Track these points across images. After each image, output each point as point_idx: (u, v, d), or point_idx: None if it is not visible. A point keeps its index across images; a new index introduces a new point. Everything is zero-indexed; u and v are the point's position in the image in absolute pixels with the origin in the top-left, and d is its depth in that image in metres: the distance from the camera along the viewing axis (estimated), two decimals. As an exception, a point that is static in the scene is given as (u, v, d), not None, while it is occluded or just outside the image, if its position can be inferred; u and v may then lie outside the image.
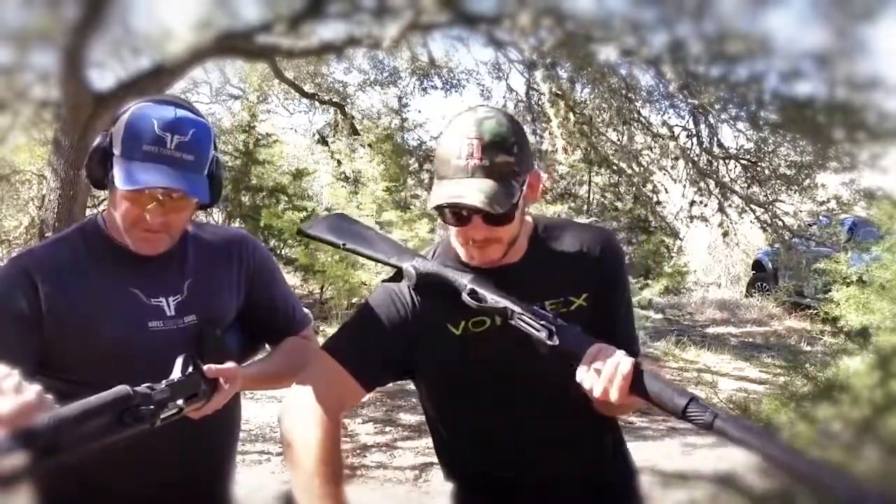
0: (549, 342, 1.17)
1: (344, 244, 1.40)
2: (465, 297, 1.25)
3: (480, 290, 1.25)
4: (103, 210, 1.39)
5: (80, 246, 1.34)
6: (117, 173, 1.25)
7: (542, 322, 1.19)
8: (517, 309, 1.21)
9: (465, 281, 1.26)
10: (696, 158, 7.48)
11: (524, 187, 1.24)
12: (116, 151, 1.26)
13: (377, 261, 1.37)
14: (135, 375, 1.26)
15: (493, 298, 1.24)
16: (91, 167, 1.30)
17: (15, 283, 1.27)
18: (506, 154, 1.20)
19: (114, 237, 1.35)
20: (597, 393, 1.14)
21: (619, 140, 7.88)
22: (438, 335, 1.31)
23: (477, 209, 1.18)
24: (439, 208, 1.22)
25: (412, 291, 1.31)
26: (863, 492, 0.92)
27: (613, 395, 1.13)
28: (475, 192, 1.17)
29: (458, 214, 1.23)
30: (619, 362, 1.13)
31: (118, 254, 1.34)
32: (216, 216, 10.83)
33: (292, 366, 1.49)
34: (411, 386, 1.47)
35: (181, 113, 1.29)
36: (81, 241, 1.35)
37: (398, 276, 1.33)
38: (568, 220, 1.56)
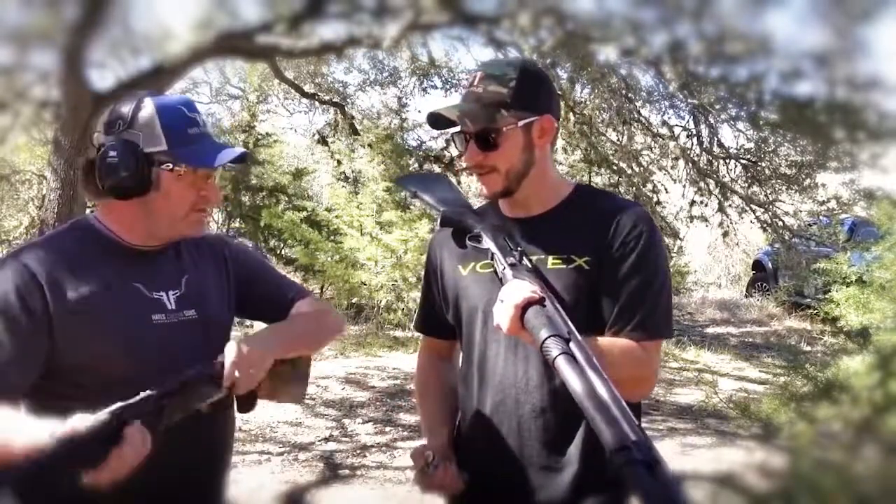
0: (500, 277, 1.28)
1: (415, 192, 1.60)
2: (467, 239, 1.41)
3: (483, 235, 1.37)
4: (94, 210, 1.41)
5: (75, 244, 1.34)
6: (186, 160, 1.30)
7: (508, 261, 1.28)
8: (496, 251, 1.32)
9: (476, 226, 1.39)
10: (696, 158, 7.47)
11: (529, 127, 1.36)
12: (159, 147, 1.30)
13: (431, 206, 1.55)
14: (143, 369, 1.28)
15: (487, 242, 1.35)
16: (133, 173, 1.28)
17: (21, 282, 1.25)
18: (499, 85, 1.34)
19: (113, 234, 1.36)
20: (496, 321, 1.21)
21: (619, 140, 7.88)
22: (452, 275, 1.47)
23: (465, 124, 1.34)
24: (435, 125, 1.41)
25: (444, 236, 1.51)
26: (627, 441, 0.91)
27: (503, 324, 1.18)
28: (453, 107, 1.35)
29: (461, 141, 1.39)
30: (516, 292, 1.17)
31: (116, 250, 1.36)
32: (216, 215, 10.84)
33: (317, 329, 1.54)
34: (411, 386, 1.53)
35: (181, 96, 1.40)
36: (75, 239, 1.35)
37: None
38: (610, 192, 1.61)
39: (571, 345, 1.06)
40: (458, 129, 1.40)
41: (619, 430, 0.93)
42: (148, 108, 1.30)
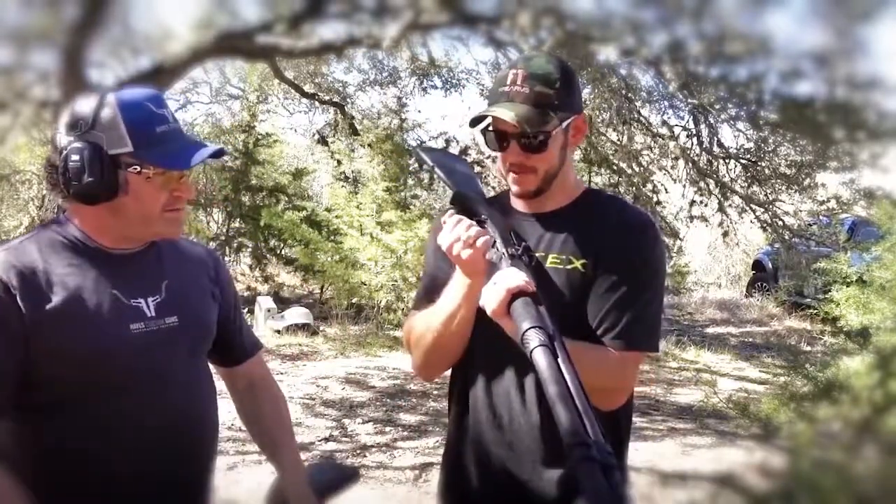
0: (496, 263, 1.25)
1: (433, 166, 1.53)
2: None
3: (489, 222, 1.33)
4: (65, 212, 1.33)
5: (48, 249, 1.27)
6: (154, 161, 1.23)
7: (508, 251, 1.25)
8: (499, 240, 1.29)
9: (483, 212, 1.35)
10: (696, 158, 7.47)
11: (567, 127, 1.34)
12: (124, 149, 1.22)
13: (445, 183, 1.49)
14: (118, 378, 1.26)
15: (492, 230, 1.31)
16: (99, 178, 1.21)
17: None
18: (545, 86, 1.31)
19: (87, 237, 1.29)
20: (482, 301, 1.20)
21: (619, 140, 7.87)
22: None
23: (504, 123, 1.30)
24: (476, 125, 1.36)
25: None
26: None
27: (489, 305, 1.17)
28: (507, 111, 1.29)
29: (499, 139, 1.35)
30: (510, 277, 1.16)
31: (91, 254, 1.29)
32: (216, 216, 10.83)
33: (290, 426, 1.58)
34: (411, 386, 1.51)
35: (149, 90, 1.30)
36: (47, 243, 1.28)
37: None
38: (621, 198, 1.60)
39: (555, 342, 1.05)
40: (485, 124, 1.37)
41: (580, 425, 0.91)
42: (110, 106, 1.22)
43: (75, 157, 1.21)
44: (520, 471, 1.36)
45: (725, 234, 8.02)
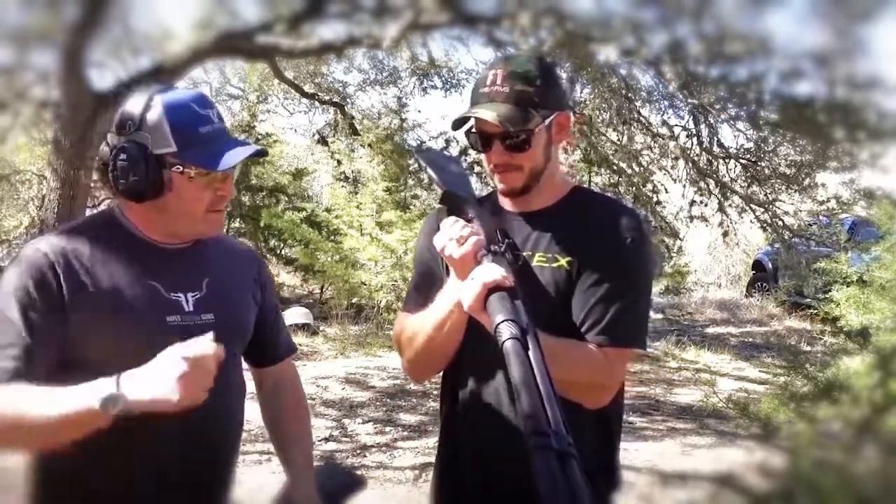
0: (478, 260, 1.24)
1: (425, 166, 1.55)
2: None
3: (476, 220, 1.31)
4: (117, 204, 1.38)
5: (96, 237, 1.32)
6: (196, 162, 1.27)
7: (491, 248, 1.24)
8: (482, 237, 1.27)
9: (471, 211, 1.34)
10: (696, 158, 7.47)
11: (550, 124, 1.35)
12: (168, 149, 1.27)
13: (435, 182, 1.49)
14: None
15: (478, 228, 1.29)
16: (144, 177, 1.26)
17: (39, 271, 1.24)
18: (526, 84, 1.32)
19: (135, 230, 1.34)
20: (460, 296, 1.19)
21: (619, 140, 7.87)
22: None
23: (487, 124, 1.31)
24: (458, 127, 1.37)
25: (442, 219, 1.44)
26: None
27: (466, 301, 1.15)
28: (489, 111, 1.30)
29: (483, 139, 1.36)
30: (488, 273, 1.14)
31: (138, 247, 1.34)
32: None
33: (308, 432, 1.60)
34: (411, 386, 1.51)
35: (193, 90, 1.35)
36: (97, 232, 1.33)
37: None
38: (610, 197, 1.61)
39: (528, 336, 1.03)
40: (468, 126, 1.37)
41: (542, 414, 0.88)
42: (156, 107, 1.27)
43: (123, 157, 1.27)
44: (510, 469, 1.36)
45: (725, 234, 8.02)
